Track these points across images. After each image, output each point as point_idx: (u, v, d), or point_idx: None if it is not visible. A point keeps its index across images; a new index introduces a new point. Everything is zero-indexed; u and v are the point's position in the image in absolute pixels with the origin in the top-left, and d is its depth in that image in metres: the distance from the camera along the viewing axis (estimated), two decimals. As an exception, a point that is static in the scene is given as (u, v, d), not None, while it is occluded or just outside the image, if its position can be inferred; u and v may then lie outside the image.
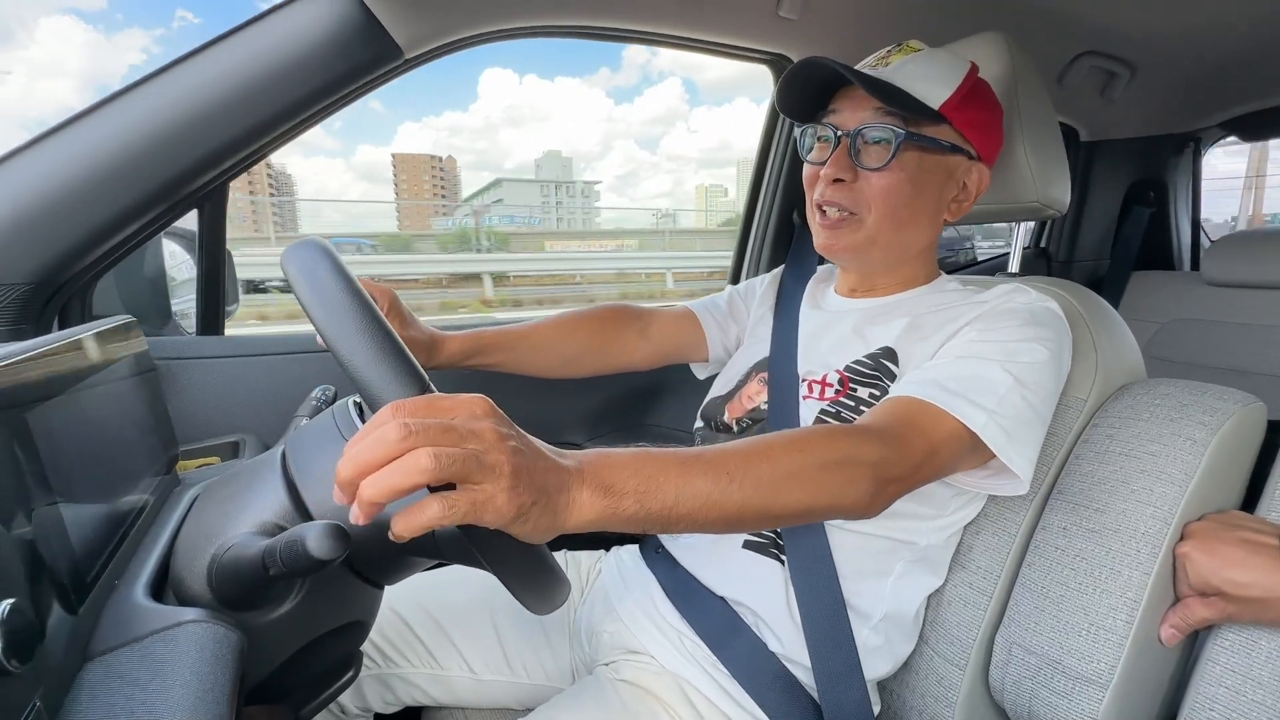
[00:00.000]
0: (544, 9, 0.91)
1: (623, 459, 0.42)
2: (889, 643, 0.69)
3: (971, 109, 0.69)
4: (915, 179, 0.69)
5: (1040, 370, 0.61)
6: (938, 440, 0.56)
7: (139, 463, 0.57)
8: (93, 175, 0.71)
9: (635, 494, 0.41)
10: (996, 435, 0.57)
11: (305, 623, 0.48)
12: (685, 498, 0.43)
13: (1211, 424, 0.61)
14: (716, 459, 0.45)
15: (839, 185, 0.69)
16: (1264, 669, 0.53)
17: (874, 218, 0.70)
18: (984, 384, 0.59)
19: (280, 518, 0.46)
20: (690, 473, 0.43)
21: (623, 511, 0.41)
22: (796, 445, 0.49)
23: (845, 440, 0.51)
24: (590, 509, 0.40)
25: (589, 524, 0.40)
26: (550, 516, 0.38)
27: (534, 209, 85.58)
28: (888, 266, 0.76)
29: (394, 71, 0.84)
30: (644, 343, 0.92)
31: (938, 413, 0.57)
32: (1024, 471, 0.59)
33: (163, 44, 25.26)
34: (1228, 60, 1.36)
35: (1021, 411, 0.59)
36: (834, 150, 0.69)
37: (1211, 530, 0.58)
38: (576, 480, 0.40)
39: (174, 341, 0.86)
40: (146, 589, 0.44)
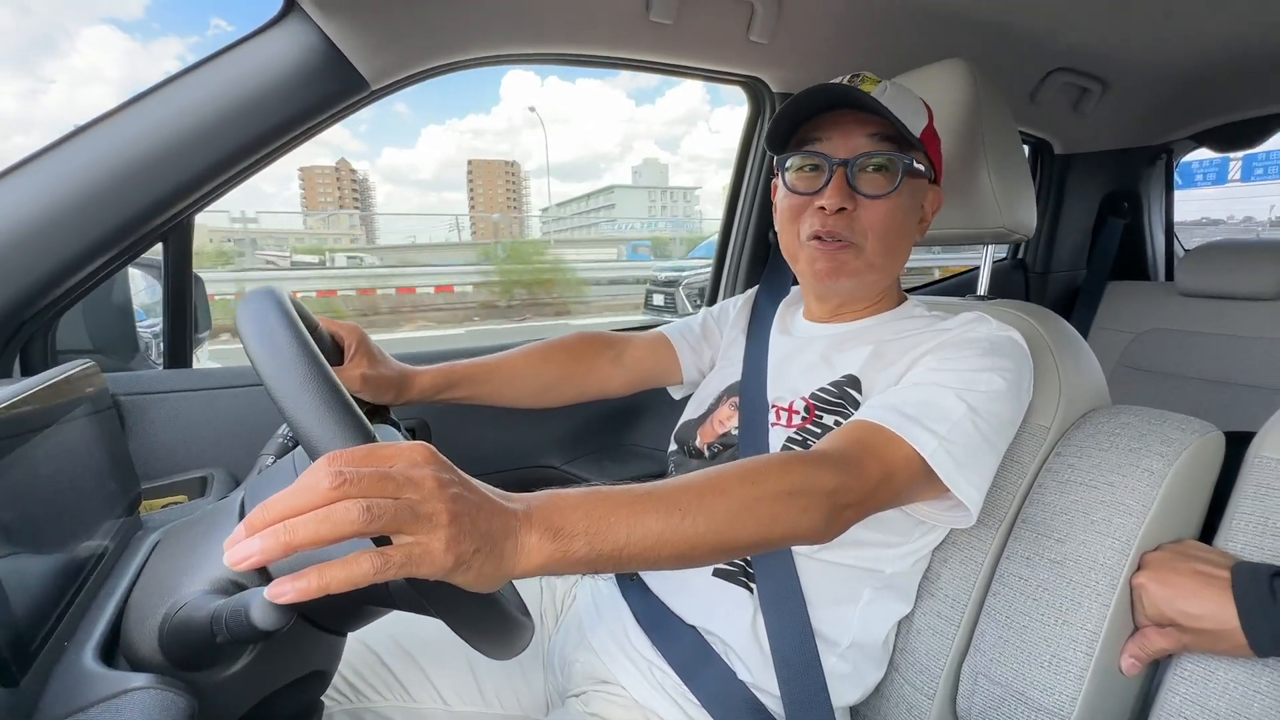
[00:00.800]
0: (513, 39, 0.91)
1: (572, 499, 0.42)
2: (857, 670, 0.70)
3: (935, 137, 0.73)
4: (907, 205, 0.71)
5: (995, 399, 0.62)
6: (892, 465, 0.57)
7: (97, 509, 0.56)
8: (56, 211, 0.70)
9: (585, 535, 0.40)
10: (945, 462, 0.58)
11: (262, 678, 0.47)
12: (637, 537, 0.42)
13: (1169, 455, 0.61)
14: (669, 495, 0.45)
15: (841, 215, 0.69)
16: (1220, 700, 0.54)
17: (872, 245, 0.70)
18: (938, 410, 0.60)
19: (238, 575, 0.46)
20: (641, 511, 0.43)
21: (573, 554, 0.40)
22: (750, 477, 0.49)
23: (799, 469, 0.52)
24: (539, 553, 0.39)
25: (538, 568, 0.39)
26: (495, 562, 0.37)
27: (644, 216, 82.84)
28: (873, 290, 0.77)
29: (361, 102, 0.84)
30: (618, 369, 0.92)
31: (891, 437, 0.58)
32: (971, 501, 0.60)
33: (198, 50, 25.45)
34: (1196, 75, 1.38)
35: (973, 440, 0.60)
36: (829, 179, 0.69)
37: (1166, 561, 0.58)
38: (524, 524, 0.39)
39: (139, 376, 0.85)
40: (96, 651, 0.43)
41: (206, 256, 13.63)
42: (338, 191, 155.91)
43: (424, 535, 0.34)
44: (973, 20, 1.07)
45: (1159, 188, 1.79)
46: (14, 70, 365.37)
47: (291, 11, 0.76)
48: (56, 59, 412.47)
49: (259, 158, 0.79)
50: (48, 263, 0.71)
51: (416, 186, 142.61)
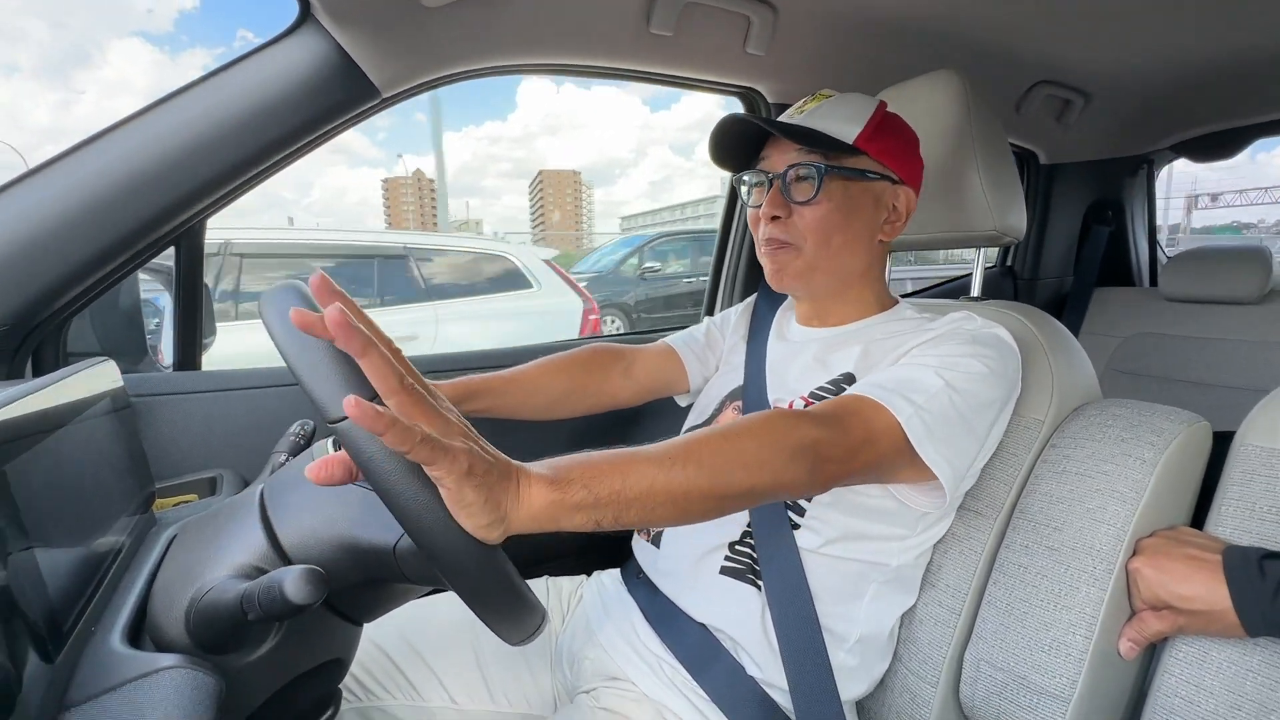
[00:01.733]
0: (517, 50, 0.93)
1: (568, 456, 0.45)
2: (864, 663, 0.71)
3: (884, 139, 0.75)
4: (843, 207, 0.74)
5: (974, 380, 0.64)
6: (874, 429, 0.59)
7: (115, 504, 0.57)
8: (69, 216, 0.72)
9: (582, 481, 0.43)
10: (918, 428, 0.60)
11: (284, 663, 0.48)
12: (632, 482, 0.44)
13: (1159, 444, 0.64)
14: (661, 448, 0.48)
15: (776, 222, 0.75)
16: (1215, 679, 0.56)
17: (810, 245, 0.75)
18: (916, 384, 0.63)
19: (258, 560, 0.47)
20: (635, 461, 0.46)
21: (571, 499, 0.42)
22: (737, 430, 0.52)
23: (783, 422, 0.54)
24: (539, 498, 0.41)
25: (541, 512, 0.41)
26: (499, 497, 0.40)
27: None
28: (834, 291, 0.80)
29: (372, 110, 0.86)
30: (628, 381, 0.94)
31: (873, 404, 0.61)
32: (942, 472, 0.61)
33: (224, 61, 25.18)
34: (1175, 88, 1.43)
35: (948, 413, 0.62)
36: (769, 192, 0.75)
37: (1160, 546, 0.60)
38: (523, 473, 0.42)
39: (150, 378, 0.86)
40: (123, 635, 0.44)
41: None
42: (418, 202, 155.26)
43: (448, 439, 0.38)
44: (961, 34, 1.11)
45: (1141, 196, 1.84)
46: (48, 82, 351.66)
47: (306, 22, 0.79)
48: (88, 70, 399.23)
49: (271, 163, 0.81)
50: (61, 267, 0.73)
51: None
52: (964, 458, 0.64)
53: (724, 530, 0.72)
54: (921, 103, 0.84)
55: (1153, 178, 1.86)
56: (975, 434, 0.65)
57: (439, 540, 0.38)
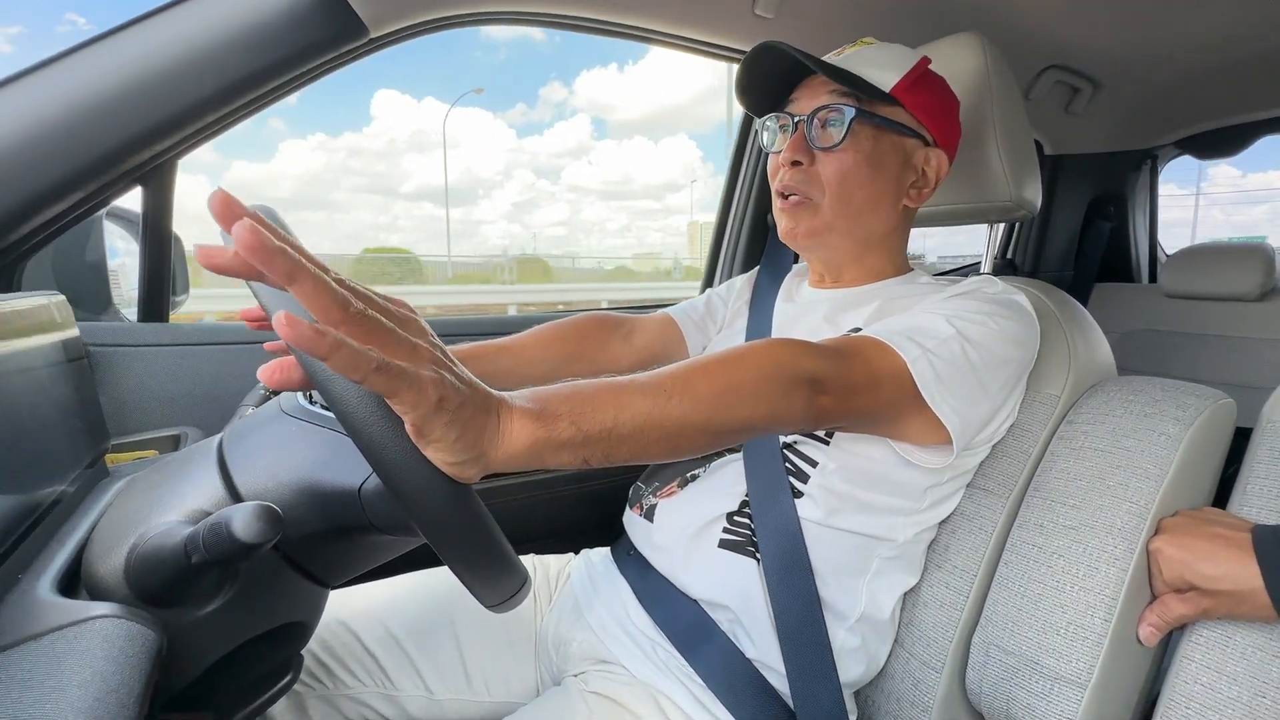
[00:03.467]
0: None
1: (554, 388, 0.40)
2: (865, 645, 0.68)
3: (923, 93, 0.71)
4: (871, 159, 0.69)
5: (989, 336, 0.61)
6: (879, 371, 0.56)
7: (60, 452, 0.52)
8: (23, 141, 0.66)
9: (570, 417, 0.38)
10: (925, 371, 0.56)
11: (238, 622, 0.44)
12: (625, 417, 0.40)
13: (1185, 419, 0.60)
14: (652, 379, 0.44)
15: (796, 169, 0.70)
16: (1238, 665, 0.53)
17: (829, 200, 0.70)
18: (926, 330, 0.60)
19: (211, 505, 0.42)
20: (626, 393, 0.42)
21: (558, 436, 0.38)
22: (733, 359, 0.48)
23: (781, 350, 0.51)
24: (522, 435, 0.37)
25: (523, 451, 0.37)
26: (475, 434, 0.35)
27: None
28: (851, 254, 0.76)
29: (359, 51, 0.81)
30: (628, 349, 0.90)
31: (881, 345, 0.57)
32: (949, 421, 0.58)
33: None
34: (1183, 81, 1.41)
35: (958, 362, 0.58)
36: (792, 136, 0.70)
37: (1184, 525, 0.57)
38: (504, 406, 0.37)
39: (112, 327, 0.80)
40: (54, 583, 0.39)
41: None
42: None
43: (411, 363, 0.32)
44: (975, 6, 1.08)
45: (1144, 192, 1.83)
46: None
47: (289, -52, 0.73)
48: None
49: (247, 101, 0.76)
50: (11, 198, 0.67)
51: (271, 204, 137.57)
52: (974, 411, 0.60)
53: (721, 501, 0.68)
54: (940, 65, 0.80)
55: (1156, 173, 1.84)
56: (987, 391, 0.61)
57: (406, 476, 0.34)
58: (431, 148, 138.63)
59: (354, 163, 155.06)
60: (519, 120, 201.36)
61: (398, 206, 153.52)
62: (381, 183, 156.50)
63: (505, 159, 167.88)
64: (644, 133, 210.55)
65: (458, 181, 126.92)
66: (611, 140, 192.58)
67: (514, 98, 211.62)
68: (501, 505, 1.01)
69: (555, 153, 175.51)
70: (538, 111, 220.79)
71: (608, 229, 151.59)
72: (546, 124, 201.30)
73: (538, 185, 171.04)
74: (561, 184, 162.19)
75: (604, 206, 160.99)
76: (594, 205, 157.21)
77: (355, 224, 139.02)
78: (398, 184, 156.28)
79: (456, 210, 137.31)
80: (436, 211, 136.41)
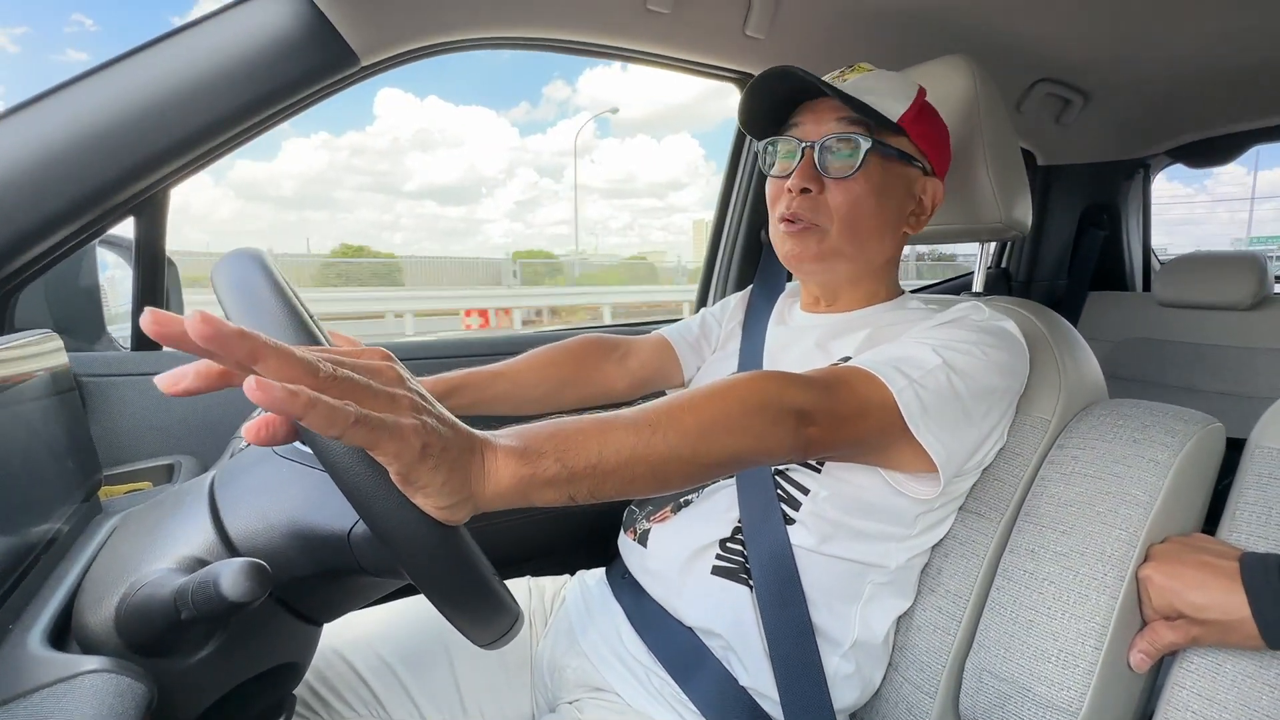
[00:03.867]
0: (510, 21, 0.89)
1: (537, 425, 0.40)
2: (859, 670, 0.68)
3: (924, 124, 0.71)
4: (880, 189, 0.69)
5: (975, 365, 0.61)
6: (866, 402, 0.56)
7: (51, 491, 0.52)
8: (16, 176, 0.66)
9: (555, 454, 0.38)
10: (912, 402, 0.56)
11: (230, 667, 0.44)
12: (610, 453, 0.40)
13: (1173, 445, 0.61)
14: (638, 414, 0.44)
15: (805, 196, 0.70)
16: (1229, 693, 0.53)
17: (837, 228, 0.70)
18: (912, 360, 0.60)
19: (202, 551, 0.42)
20: (611, 429, 0.42)
21: (543, 474, 0.38)
22: (720, 392, 0.48)
23: (767, 382, 0.51)
24: (507, 474, 0.37)
25: (509, 489, 0.37)
26: (462, 475, 0.35)
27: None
28: (852, 280, 0.76)
29: (350, 79, 0.81)
30: (623, 372, 0.90)
31: (869, 377, 0.57)
32: (935, 452, 0.58)
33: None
34: (1174, 91, 1.41)
35: (944, 392, 0.59)
36: (799, 162, 0.70)
37: (1173, 552, 0.57)
38: (488, 446, 0.37)
39: (104, 357, 0.80)
40: (45, 635, 0.39)
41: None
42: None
43: (390, 415, 0.32)
44: (967, 23, 1.08)
45: (1137, 201, 1.83)
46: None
47: (279, -21, 0.74)
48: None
49: (239, 131, 0.76)
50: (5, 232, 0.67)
51: (274, 203, 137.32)
52: (959, 441, 0.61)
53: (714, 527, 0.69)
54: (929, 87, 0.80)
55: (1148, 182, 1.85)
56: (973, 420, 0.62)
57: (393, 524, 0.34)
58: (435, 146, 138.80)
59: (357, 161, 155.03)
60: (522, 119, 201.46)
61: (400, 205, 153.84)
62: (385, 181, 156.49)
63: (509, 157, 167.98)
64: (646, 130, 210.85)
65: (460, 180, 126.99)
66: (614, 139, 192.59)
67: (518, 96, 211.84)
68: (496, 527, 1.01)
69: (557, 151, 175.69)
70: (541, 110, 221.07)
71: (610, 227, 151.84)
72: (550, 122, 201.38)
73: (540, 184, 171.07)
74: (564, 183, 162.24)
75: (607, 205, 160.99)
76: (596, 203, 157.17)
77: (357, 222, 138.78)
78: (400, 183, 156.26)
79: (459, 209, 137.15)
80: (439, 210, 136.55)
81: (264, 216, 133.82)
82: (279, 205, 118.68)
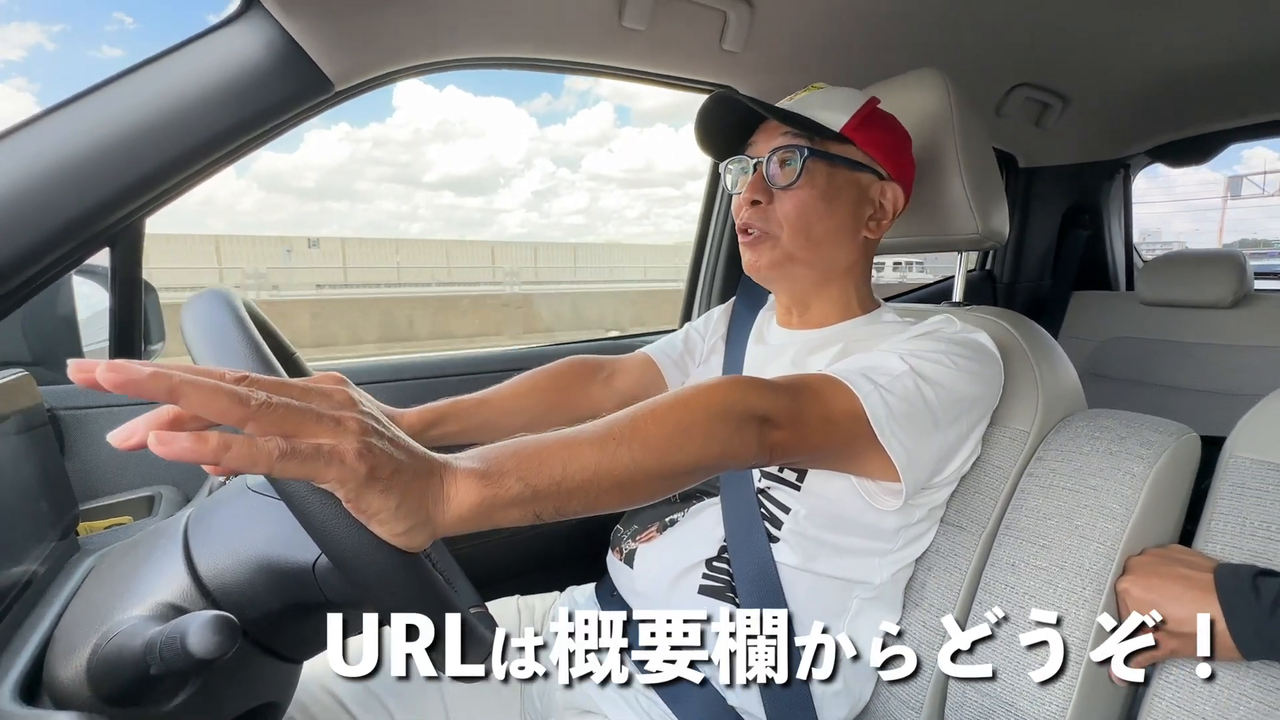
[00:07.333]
0: (486, 42, 0.89)
1: (500, 445, 0.40)
2: (847, 687, 0.68)
3: (873, 130, 0.73)
4: (825, 194, 0.71)
5: (944, 373, 0.62)
6: (833, 406, 0.56)
7: (26, 531, 0.51)
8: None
9: (517, 473, 0.38)
10: (878, 406, 0.57)
11: (207, 711, 0.43)
12: (574, 469, 0.40)
13: (1149, 457, 0.61)
14: (602, 427, 0.43)
15: (756, 208, 0.72)
16: (1207, 704, 0.53)
17: (788, 234, 0.72)
18: (879, 367, 0.60)
19: (176, 597, 0.42)
20: (575, 444, 0.41)
21: (505, 493, 0.37)
22: (684, 401, 0.48)
23: (731, 389, 0.51)
24: (468, 495, 0.36)
25: (471, 512, 0.36)
26: (415, 500, 0.34)
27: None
28: (814, 285, 0.77)
29: (326, 103, 0.81)
30: (609, 393, 0.90)
31: (836, 383, 0.58)
32: (898, 457, 0.58)
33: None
34: (1151, 92, 1.43)
35: (912, 397, 0.59)
36: (752, 177, 0.73)
37: (1150, 565, 0.58)
38: (446, 469, 0.36)
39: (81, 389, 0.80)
40: (16, 689, 0.39)
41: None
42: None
43: (334, 439, 0.32)
44: (942, 33, 1.09)
45: (1118, 201, 1.85)
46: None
47: (251, 8, 0.73)
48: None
49: (214, 159, 0.76)
50: None
51: (296, 194, 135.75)
52: (925, 449, 0.61)
53: (700, 548, 0.69)
54: (903, 102, 0.81)
55: (1129, 182, 1.86)
56: (940, 426, 0.62)
57: (347, 550, 0.33)
58: (456, 137, 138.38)
59: (379, 153, 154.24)
60: (542, 109, 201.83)
61: (419, 196, 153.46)
62: (406, 173, 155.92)
63: (527, 148, 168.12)
64: (666, 119, 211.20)
65: (480, 171, 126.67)
66: (634, 128, 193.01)
67: (539, 87, 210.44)
68: (484, 545, 1.00)
69: (576, 141, 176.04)
70: (562, 101, 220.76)
71: (626, 216, 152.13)
72: (569, 112, 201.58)
73: (558, 174, 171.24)
74: (581, 172, 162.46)
75: (623, 194, 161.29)
76: (614, 193, 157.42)
77: (377, 213, 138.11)
78: (421, 174, 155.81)
79: (476, 200, 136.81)
80: (457, 200, 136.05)
81: (286, 207, 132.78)
82: (301, 196, 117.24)
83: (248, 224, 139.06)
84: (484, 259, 20.51)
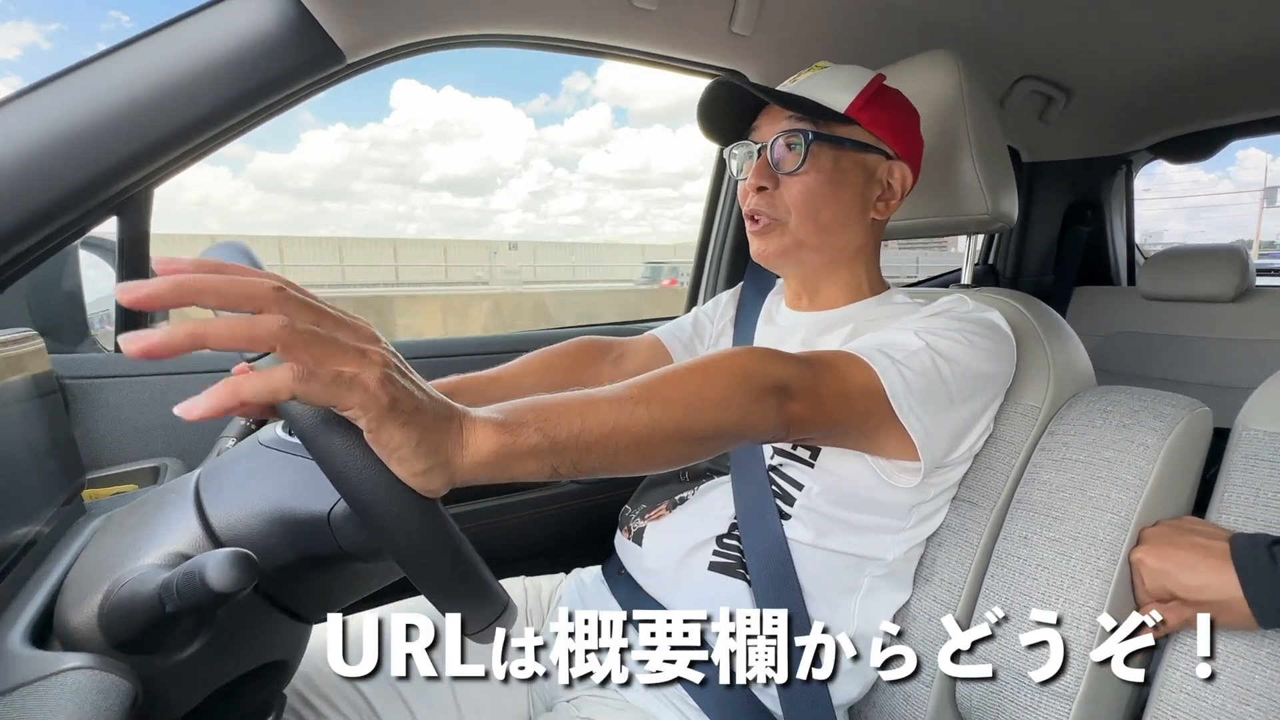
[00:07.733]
0: (496, 17, 0.89)
1: (519, 400, 0.40)
2: (858, 664, 0.67)
3: (878, 110, 0.72)
4: (832, 178, 0.71)
5: (959, 350, 0.62)
6: (851, 381, 0.56)
7: (33, 493, 0.51)
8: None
9: (535, 424, 0.38)
10: (896, 381, 0.57)
11: (216, 665, 0.43)
12: (592, 424, 0.40)
13: (1162, 429, 0.61)
14: (621, 388, 0.44)
15: (763, 193, 0.72)
16: (1222, 672, 0.53)
17: (795, 219, 0.71)
18: (895, 344, 0.60)
19: (188, 547, 0.41)
20: (594, 401, 0.41)
21: (524, 443, 0.37)
22: (704, 366, 0.48)
23: (750, 357, 0.51)
24: (487, 442, 0.36)
25: (488, 459, 0.36)
26: (436, 439, 0.34)
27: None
28: (824, 269, 0.77)
29: (336, 76, 0.81)
30: (619, 373, 0.90)
31: (851, 357, 0.58)
32: (915, 432, 0.58)
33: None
34: (1153, 89, 1.44)
35: (929, 372, 0.59)
36: (757, 162, 0.72)
37: (1164, 535, 0.58)
38: (466, 417, 0.37)
39: (88, 359, 0.79)
40: (26, 634, 0.38)
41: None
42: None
43: (357, 369, 0.32)
44: (948, 21, 1.09)
45: (1120, 197, 1.85)
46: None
47: (263, -25, 0.73)
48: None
49: (223, 129, 0.75)
50: None
51: (293, 195, 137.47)
52: (942, 425, 0.61)
53: (710, 524, 0.68)
54: (914, 83, 0.81)
55: (1131, 178, 1.87)
56: (956, 403, 0.62)
57: (366, 489, 0.33)
58: (453, 138, 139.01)
59: (376, 153, 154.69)
60: (540, 110, 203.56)
61: (415, 196, 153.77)
62: (403, 173, 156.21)
63: (525, 148, 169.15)
64: (664, 120, 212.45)
65: (477, 172, 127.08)
66: (631, 129, 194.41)
67: (536, 88, 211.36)
68: (490, 526, 1.00)
69: (574, 142, 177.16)
70: (560, 101, 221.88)
71: (623, 217, 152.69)
72: (567, 113, 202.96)
73: (555, 174, 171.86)
74: (579, 173, 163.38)
75: (620, 195, 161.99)
76: (611, 194, 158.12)
77: (374, 213, 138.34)
78: (418, 174, 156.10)
79: (474, 200, 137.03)
80: (455, 201, 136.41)
81: (283, 208, 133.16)
82: (298, 196, 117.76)
83: (244, 224, 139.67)
84: (481, 258, 20.68)
